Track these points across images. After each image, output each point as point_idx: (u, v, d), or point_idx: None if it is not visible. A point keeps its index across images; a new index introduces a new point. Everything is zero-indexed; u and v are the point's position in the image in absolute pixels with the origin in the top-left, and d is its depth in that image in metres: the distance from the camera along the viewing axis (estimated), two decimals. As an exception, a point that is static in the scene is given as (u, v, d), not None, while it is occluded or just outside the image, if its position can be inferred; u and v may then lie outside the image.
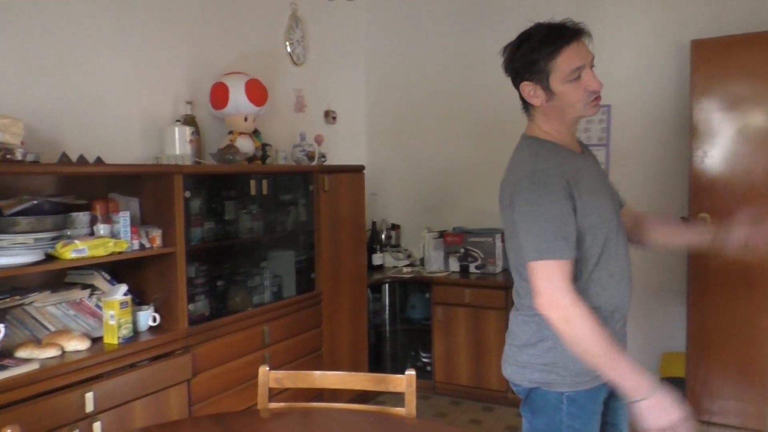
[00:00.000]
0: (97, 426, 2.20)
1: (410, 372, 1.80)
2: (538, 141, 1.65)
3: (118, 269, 2.65)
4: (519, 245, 1.57)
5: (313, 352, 3.41)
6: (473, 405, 3.86)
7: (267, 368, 1.88)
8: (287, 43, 3.96)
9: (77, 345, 2.25)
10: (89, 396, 2.18)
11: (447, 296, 3.96)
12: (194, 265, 2.75)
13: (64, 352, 2.22)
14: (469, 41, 4.36)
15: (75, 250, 2.24)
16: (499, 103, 4.12)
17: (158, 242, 2.58)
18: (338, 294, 3.62)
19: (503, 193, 1.64)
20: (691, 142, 3.51)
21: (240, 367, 2.87)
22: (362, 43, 4.74)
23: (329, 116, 4.35)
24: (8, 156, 2.13)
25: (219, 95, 3.20)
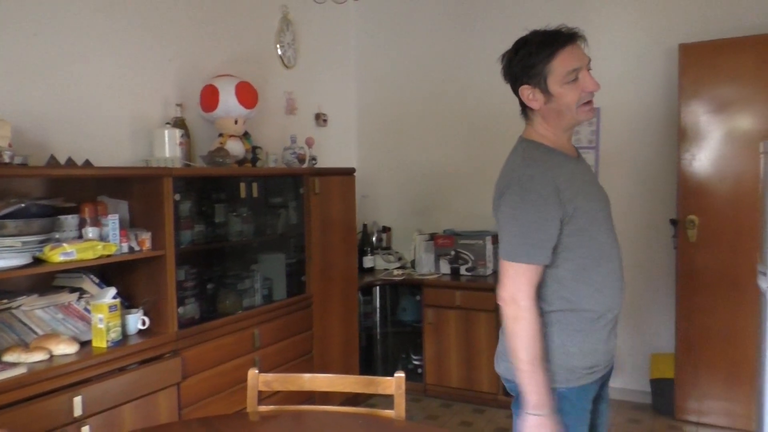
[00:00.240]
0: (86, 430, 2.18)
1: (399, 374, 1.81)
2: (534, 144, 1.68)
3: (107, 272, 2.64)
4: None
5: (304, 355, 3.40)
6: (464, 407, 3.86)
7: (256, 371, 1.87)
8: (278, 46, 3.96)
9: (65, 349, 2.23)
10: (77, 400, 2.16)
11: (438, 299, 3.97)
12: (184, 268, 2.74)
13: (52, 356, 2.20)
14: (460, 44, 4.37)
15: (63, 254, 2.22)
16: (490, 106, 4.15)
17: (147, 245, 2.57)
18: (329, 297, 3.62)
19: (495, 193, 1.69)
20: (680, 145, 3.54)
21: (230, 371, 2.86)
22: (353, 46, 4.75)
23: (320, 119, 4.35)
24: (-4, 159, 2.12)
25: (209, 98, 3.20)
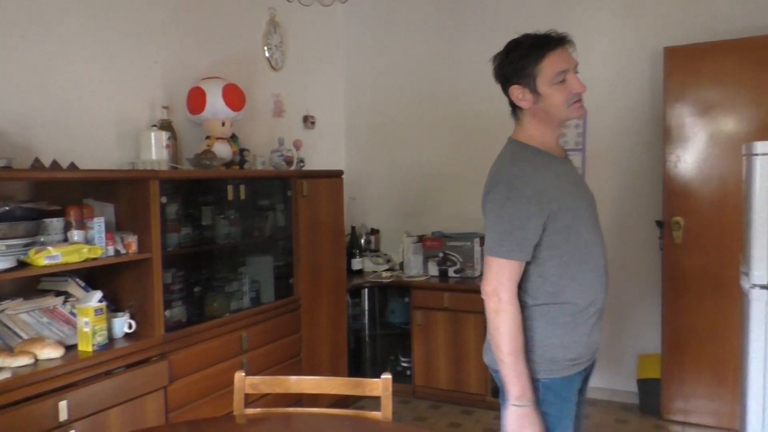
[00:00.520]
0: (72, 434, 2.17)
1: (386, 376, 1.81)
2: (521, 145, 1.75)
3: (93, 276, 2.62)
4: None
5: (293, 358, 3.39)
6: (453, 408, 3.87)
7: (243, 374, 1.87)
8: (265, 48, 3.95)
9: (51, 353, 2.22)
10: (63, 404, 2.14)
11: (426, 300, 3.97)
12: (171, 271, 2.73)
13: (38, 360, 2.18)
14: (447, 47, 4.39)
15: (48, 257, 2.21)
16: (478, 109, 4.17)
17: (134, 248, 2.55)
18: (317, 299, 3.61)
19: (483, 191, 1.76)
20: (665, 147, 3.57)
21: (218, 374, 2.85)
22: (341, 48, 4.75)
23: (308, 121, 4.35)
24: (-21, 161, 2.10)
25: (196, 100, 3.19)
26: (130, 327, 2.53)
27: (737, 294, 2.70)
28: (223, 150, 3.24)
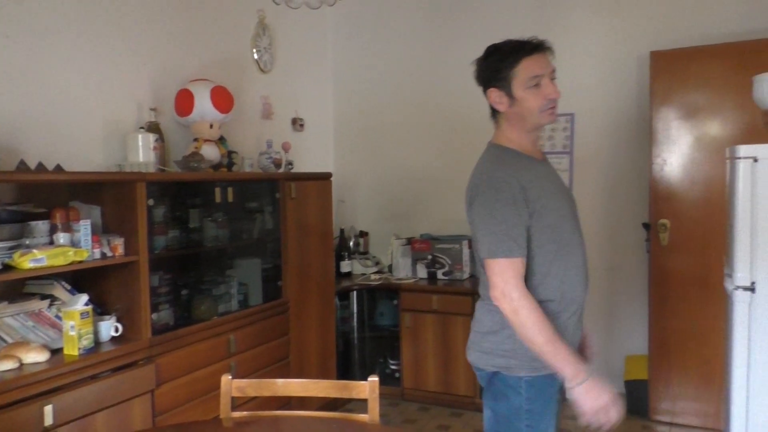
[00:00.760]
0: (57, 439, 2.15)
1: (373, 378, 1.81)
2: (501, 148, 1.80)
3: (80, 279, 2.61)
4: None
5: (281, 361, 3.39)
6: (442, 411, 3.88)
7: (229, 377, 1.87)
8: (254, 50, 3.95)
9: (36, 357, 2.20)
10: (48, 409, 2.13)
11: (415, 303, 3.98)
12: (158, 274, 2.72)
13: (22, 365, 2.17)
14: (435, 51, 4.40)
15: (33, 260, 2.19)
16: (466, 112, 4.18)
17: (120, 251, 2.54)
18: (306, 302, 3.61)
19: (467, 196, 1.78)
20: (651, 150, 3.60)
21: (205, 377, 2.84)
22: (330, 51, 4.75)
23: (297, 123, 4.34)
24: (-37, 164, 2.08)
25: (184, 102, 3.18)
26: (117, 330, 2.52)
27: (724, 295, 2.72)
28: (211, 152, 3.24)
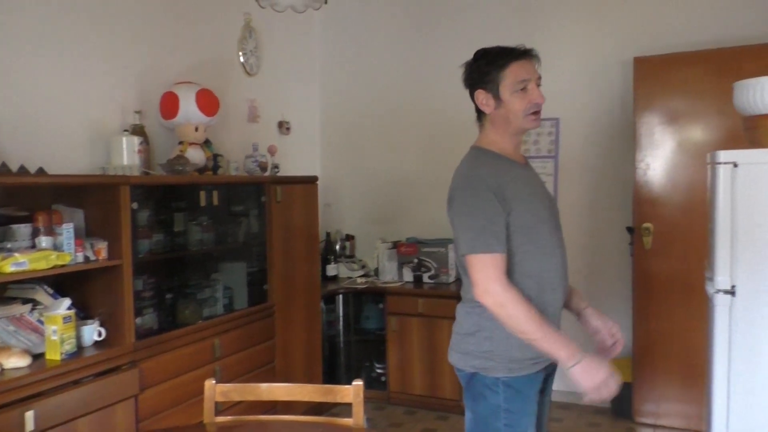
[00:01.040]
0: (38, 445, 2.13)
1: (357, 382, 1.82)
2: (482, 151, 1.85)
3: (62, 283, 2.58)
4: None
5: (266, 365, 3.37)
6: (428, 414, 3.88)
7: (213, 381, 1.86)
8: (240, 53, 3.94)
9: (17, 362, 2.18)
10: (29, 415, 2.10)
11: (401, 306, 3.99)
12: (142, 278, 2.70)
13: (3, 370, 2.14)
14: (421, 56, 4.42)
15: (14, 264, 2.17)
16: (451, 116, 4.19)
17: (104, 254, 2.52)
18: (291, 305, 3.60)
19: (448, 195, 1.82)
20: (635, 155, 3.64)
21: (190, 382, 2.82)
22: (317, 54, 4.75)
23: (283, 127, 4.34)
24: (-57, 167, 2.06)
25: (169, 105, 3.17)
26: (100, 335, 2.49)
27: (705, 298, 2.75)
28: (197, 155, 3.22)
